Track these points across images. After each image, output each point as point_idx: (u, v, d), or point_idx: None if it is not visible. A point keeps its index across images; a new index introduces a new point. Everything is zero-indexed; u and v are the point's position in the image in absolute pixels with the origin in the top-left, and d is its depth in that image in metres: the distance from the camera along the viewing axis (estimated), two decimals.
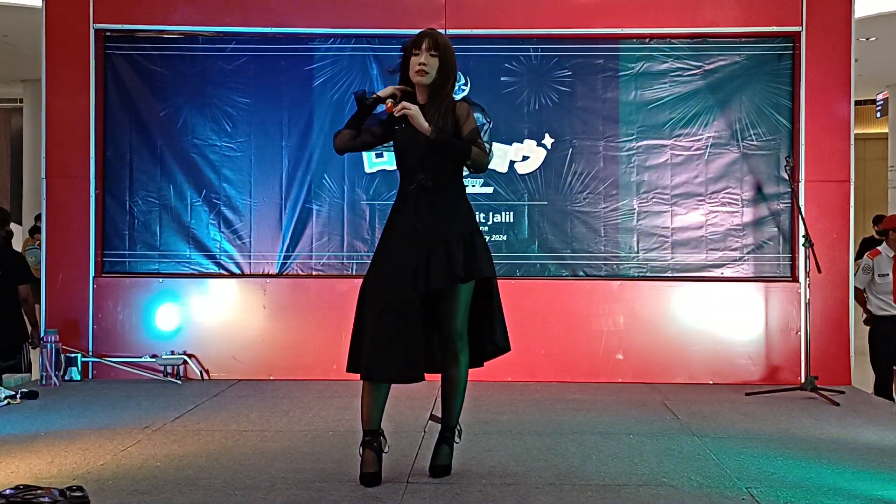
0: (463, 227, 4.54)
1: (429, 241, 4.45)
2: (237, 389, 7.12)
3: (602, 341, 7.54)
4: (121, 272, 7.73)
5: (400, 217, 4.56)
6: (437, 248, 4.44)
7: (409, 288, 4.40)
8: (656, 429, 5.83)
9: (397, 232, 4.55)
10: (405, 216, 4.53)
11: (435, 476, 4.62)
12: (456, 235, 4.48)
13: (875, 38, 12.13)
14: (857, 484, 4.56)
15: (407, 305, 4.40)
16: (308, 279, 7.70)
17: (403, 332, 4.38)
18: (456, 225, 4.52)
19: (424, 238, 4.46)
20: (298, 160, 7.73)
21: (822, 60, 7.49)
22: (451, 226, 4.50)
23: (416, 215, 4.48)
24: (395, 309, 4.40)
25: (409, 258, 4.44)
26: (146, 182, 7.75)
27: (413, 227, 4.47)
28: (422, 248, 4.44)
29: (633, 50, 7.71)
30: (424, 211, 4.49)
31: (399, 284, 4.42)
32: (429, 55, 4.50)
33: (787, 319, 7.49)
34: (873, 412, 6.47)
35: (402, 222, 4.54)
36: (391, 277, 4.45)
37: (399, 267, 4.45)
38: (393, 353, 4.39)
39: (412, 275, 4.41)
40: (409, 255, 4.45)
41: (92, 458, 4.98)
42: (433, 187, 4.50)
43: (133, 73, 7.74)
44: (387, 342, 4.38)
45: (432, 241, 4.45)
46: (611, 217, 7.70)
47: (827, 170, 7.50)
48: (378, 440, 4.55)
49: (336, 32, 7.70)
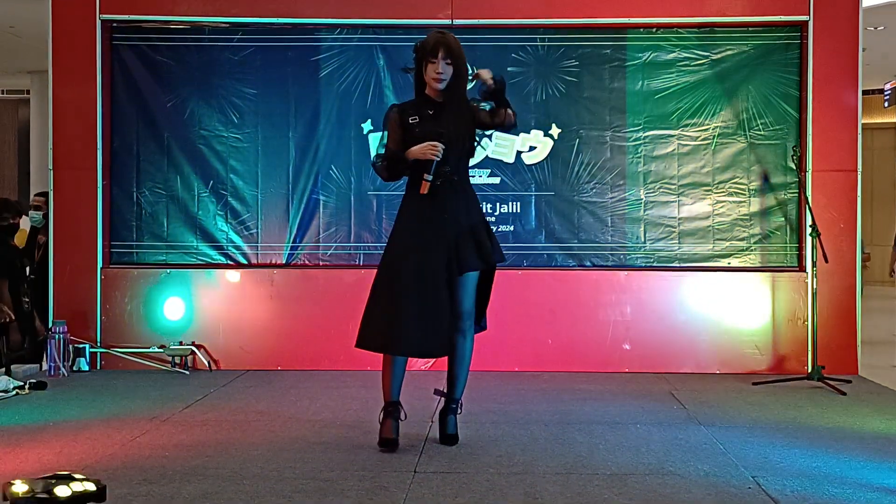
0: (480, 216, 5.03)
1: (454, 228, 4.84)
2: (245, 380, 7.14)
3: (609, 331, 7.55)
4: (128, 263, 7.75)
5: (421, 206, 4.86)
6: (464, 234, 4.85)
7: (438, 270, 4.79)
8: (663, 418, 5.84)
9: (419, 219, 4.88)
10: (427, 205, 4.83)
11: (446, 444, 5.02)
12: (478, 223, 4.95)
13: (883, 28, 12.07)
14: (864, 473, 4.57)
15: (437, 286, 4.80)
16: (315, 270, 7.71)
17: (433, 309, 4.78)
18: (475, 214, 4.99)
19: (449, 226, 4.84)
20: (305, 151, 7.73)
21: (830, 50, 7.47)
22: (471, 215, 4.94)
23: (442, 205, 4.83)
24: (425, 290, 4.77)
25: (435, 243, 4.81)
26: (153, 173, 7.77)
27: (440, 215, 4.83)
28: (448, 235, 4.82)
29: (641, 40, 7.69)
30: (448, 201, 4.85)
31: (427, 266, 4.79)
32: (444, 64, 4.82)
33: (794, 309, 7.48)
34: (880, 401, 6.47)
35: (424, 211, 4.86)
36: (418, 260, 4.80)
37: (428, 251, 4.81)
38: (421, 328, 4.77)
39: (445, 258, 4.80)
40: (437, 240, 4.82)
41: (100, 448, 5.01)
42: (457, 180, 4.87)
43: (140, 64, 7.75)
44: (412, 319, 4.75)
45: (458, 228, 4.85)
46: (618, 207, 7.69)
47: (834, 159, 7.48)
48: (398, 410, 4.96)
49: (342, 23, 7.70)
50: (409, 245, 4.85)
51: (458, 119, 4.86)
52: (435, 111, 4.89)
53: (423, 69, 4.87)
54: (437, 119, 4.85)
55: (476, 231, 4.90)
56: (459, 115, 4.87)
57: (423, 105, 4.93)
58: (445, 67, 4.81)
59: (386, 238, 7.57)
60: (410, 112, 4.93)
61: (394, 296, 4.79)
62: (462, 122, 4.88)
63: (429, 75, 4.84)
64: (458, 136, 4.85)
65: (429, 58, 4.82)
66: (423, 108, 4.92)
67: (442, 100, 4.89)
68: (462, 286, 4.90)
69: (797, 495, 4.22)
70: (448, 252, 4.81)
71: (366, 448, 5.00)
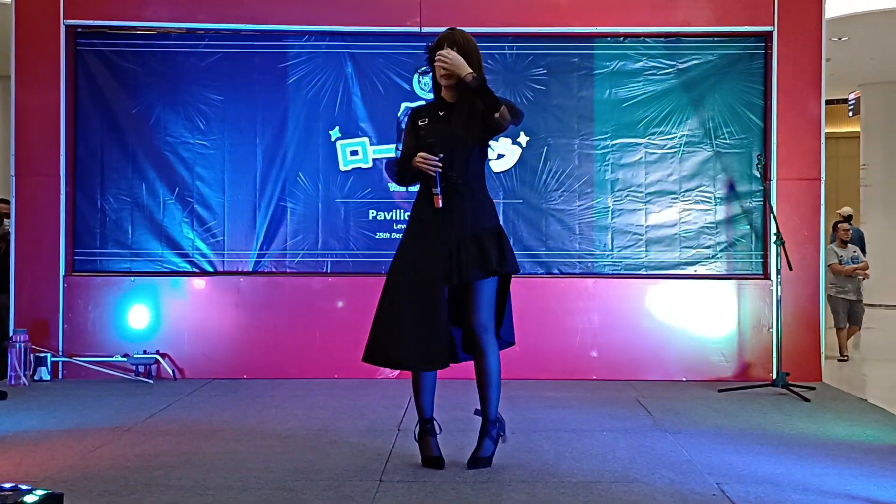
0: (490, 222, 4.74)
1: (458, 235, 4.63)
2: (210, 389, 7.09)
3: (577, 338, 7.56)
4: (92, 271, 7.67)
5: (424, 213, 4.70)
6: (467, 241, 4.63)
7: (439, 279, 4.59)
8: (629, 425, 5.85)
9: (424, 226, 4.70)
10: (431, 211, 4.66)
11: (471, 467, 4.71)
12: (486, 230, 4.68)
13: (847, 38, 12.22)
14: (827, 479, 4.59)
15: (435, 296, 4.59)
16: (282, 277, 7.67)
17: (429, 322, 4.57)
18: (484, 220, 4.71)
19: (454, 232, 4.63)
20: (273, 158, 7.69)
21: (794, 60, 7.54)
22: (478, 221, 4.69)
23: (446, 211, 4.63)
24: (423, 300, 4.58)
25: (437, 251, 4.62)
26: (118, 180, 7.70)
27: (442, 221, 4.64)
28: (451, 242, 4.62)
29: (608, 49, 7.72)
30: (453, 206, 4.65)
31: (428, 276, 4.60)
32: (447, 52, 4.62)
33: (759, 316, 7.53)
34: (843, 408, 6.52)
35: (429, 217, 4.68)
36: (416, 270, 4.63)
37: (427, 259, 4.63)
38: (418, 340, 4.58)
39: (444, 266, 4.60)
40: (437, 248, 4.63)
41: (61, 458, 4.94)
42: (462, 184, 4.67)
43: (105, 70, 7.68)
44: (412, 331, 4.57)
45: (462, 235, 4.63)
46: (585, 215, 7.71)
47: (798, 168, 7.55)
48: (433, 426, 4.79)
49: (310, 29, 7.67)
50: (411, 254, 4.70)
51: (467, 120, 4.68)
52: (445, 112, 4.73)
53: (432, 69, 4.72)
54: (446, 121, 4.71)
55: (480, 238, 4.64)
56: (469, 117, 4.69)
57: (437, 107, 4.78)
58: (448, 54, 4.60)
59: (353, 246, 7.64)
60: (423, 114, 4.80)
61: (392, 307, 4.65)
62: (471, 124, 4.69)
63: (437, 73, 4.68)
64: (463, 139, 4.67)
65: (436, 53, 4.66)
66: (435, 110, 4.77)
67: (454, 100, 4.73)
68: (473, 297, 4.66)
69: (761, 502, 4.23)
70: (449, 259, 4.61)
71: (332, 457, 4.97)
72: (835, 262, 9.82)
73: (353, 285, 7.56)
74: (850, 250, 10.15)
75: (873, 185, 15.71)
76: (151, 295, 7.57)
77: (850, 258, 10.04)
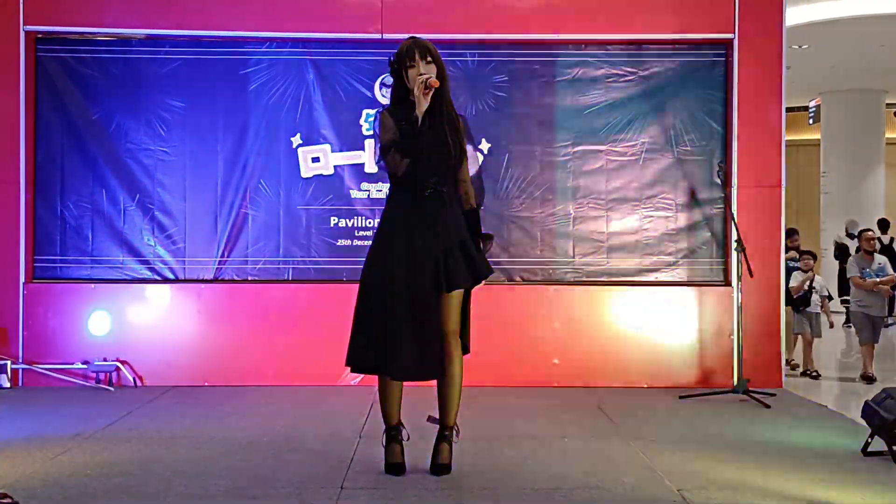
0: (465, 231, 4.76)
1: (444, 243, 4.63)
2: (171, 396, 7.03)
3: (538, 346, 7.57)
4: (52, 278, 7.60)
5: (407, 217, 4.66)
6: (453, 249, 4.65)
7: (429, 289, 4.59)
8: (591, 432, 5.87)
9: (404, 232, 4.65)
10: (414, 217, 4.63)
11: (435, 474, 4.71)
12: (467, 239, 4.73)
13: (807, 46, 12.37)
14: (787, 485, 4.63)
15: (430, 307, 4.61)
16: (244, 284, 7.63)
17: (421, 331, 4.58)
18: (462, 229, 4.74)
19: (439, 240, 4.63)
20: (234, 165, 7.66)
21: (754, 68, 7.61)
22: (459, 229, 4.72)
23: (431, 218, 4.63)
24: (418, 310, 4.58)
25: (426, 259, 4.60)
26: (78, 186, 7.63)
27: (427, 228, 4.62)
28: (436, 249, 4.61)
29: (570, 56, 7.76)
30: (436, 214, 4.64)
31: (419, 287, 4.59)
32: (424, 63, 4.62)
33: (720, 323, 7.58)
34: (803, 414, 6.59)
35: (409, 223, 4.64)
36: (409, 280, 4.59)
37: (415, 268, 4.60)
38: (415, 352, 4.58)
39: (433, 275, 4.59)
40: (422, 254, 4.60)
41: (20, 466, 4.88)
42: (445, 192, 4.67)
43: (65, 77, 7.62)
44: (405, 341, 4.56)
45: (447, 243, 4.64)
46: (547, 222, 7.74)
47: (759, 175, 7.61)
48: (400, 433, 4.79)
49: (271, 36, 7.65)
50: (395, 260, 4.62)
51: (446, 126, 4.65)
52: (426, 120, 4.60)
53: (405, 77, 4.63)
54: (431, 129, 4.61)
55: (466, 246, 4.68)
56: (448, 123, 4.67)
57: (411, 112, 4.61)
58: (427, 67, 4.59)
59: (314, 253, 7.60)
60: (400, 118, 4.64)
61: (385, 317, 4.58)
62: (449, 130, 4.66)
63: (414, 81, 4.57)
64: (443, 145, 4.63)
65: (407, 63, 4.61)
66: (412, 117, 4.59)
67: (429, 108, 4.61)
68: (447, 304, 4.67)
69: None
70: (436, 266, 4.59)
71: (293, 464, 4.95)
72: (855, 275, 8.93)
73: (314, 292, 7.54)
74: (877, 262, 9.05)
75: (833, 193, 15.87)
76: (112, 302, 7.51)
77: (875, 271, 8.95)
